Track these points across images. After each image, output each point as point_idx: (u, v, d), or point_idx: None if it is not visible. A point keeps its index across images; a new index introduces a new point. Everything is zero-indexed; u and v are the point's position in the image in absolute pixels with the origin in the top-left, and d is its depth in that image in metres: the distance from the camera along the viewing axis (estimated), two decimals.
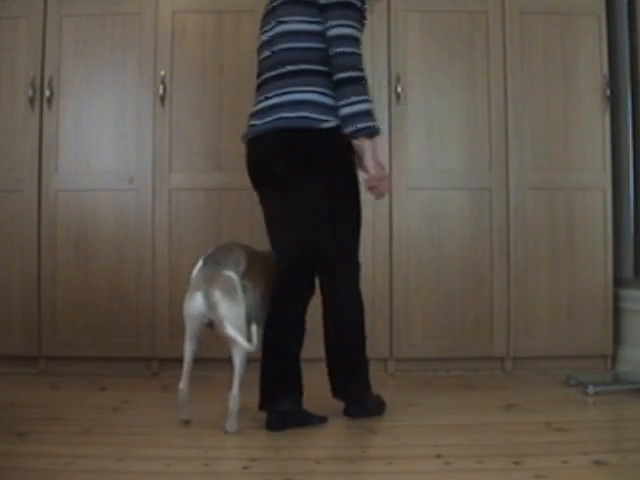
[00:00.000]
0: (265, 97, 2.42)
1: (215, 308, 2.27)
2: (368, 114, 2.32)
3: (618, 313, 3.48)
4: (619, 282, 3.50)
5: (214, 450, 2.13)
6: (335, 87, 2.33)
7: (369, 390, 2.57)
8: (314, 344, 2.52)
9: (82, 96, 3.43)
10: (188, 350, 2.39)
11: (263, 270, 2.51)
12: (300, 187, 2.36)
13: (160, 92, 3.40)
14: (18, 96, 3.42)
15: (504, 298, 3.43)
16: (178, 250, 3.40)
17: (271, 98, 2.40)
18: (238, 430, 2.31)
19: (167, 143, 3.42)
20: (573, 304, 3.44)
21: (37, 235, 3.40)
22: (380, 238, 3.43)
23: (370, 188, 2.42)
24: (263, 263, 2.53)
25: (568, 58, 3.49)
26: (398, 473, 1.95)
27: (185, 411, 2.43)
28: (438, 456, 2.06)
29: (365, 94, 2.32)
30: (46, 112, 3.41)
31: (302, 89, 2.35)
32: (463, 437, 2.28)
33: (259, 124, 2.42)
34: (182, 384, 2.40)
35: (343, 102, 2.31)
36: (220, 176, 3.43)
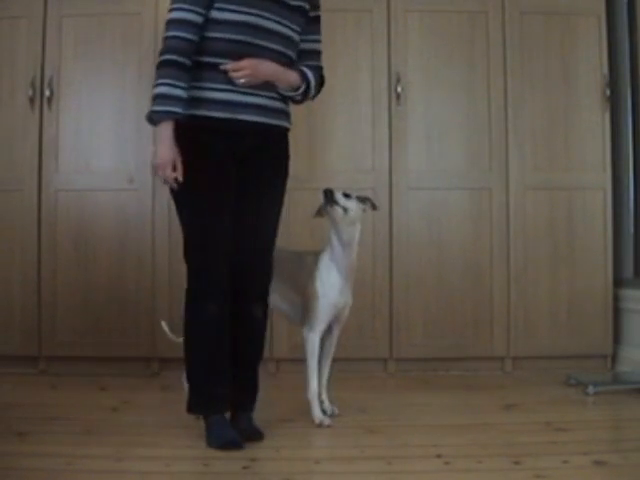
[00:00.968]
0: None
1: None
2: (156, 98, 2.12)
3: (618, 313, 3.48)
4: (619, 282, 3.50)
5: (214, 450, 2.12)
6: None
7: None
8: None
9: (82, 96, 3.43)
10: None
11: None
12: None
13: None
14: (18, 96, 3.41)
15: (504, 298, 3.43)
16: (178, 250, 3.38)
17: None
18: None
19: None
20: (573, 304, 3.44)
21: (37, 235, 3.39)
22: (380, 238, 3.43)
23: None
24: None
25: (568, 58, 3.48)
26: (397, 473, 1.95)
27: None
28: (438, 456, 2.06)
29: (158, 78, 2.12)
30: (46, 112, 3.41)
31: None
32: (463, 437, 2.28)
33: None
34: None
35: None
36: None
